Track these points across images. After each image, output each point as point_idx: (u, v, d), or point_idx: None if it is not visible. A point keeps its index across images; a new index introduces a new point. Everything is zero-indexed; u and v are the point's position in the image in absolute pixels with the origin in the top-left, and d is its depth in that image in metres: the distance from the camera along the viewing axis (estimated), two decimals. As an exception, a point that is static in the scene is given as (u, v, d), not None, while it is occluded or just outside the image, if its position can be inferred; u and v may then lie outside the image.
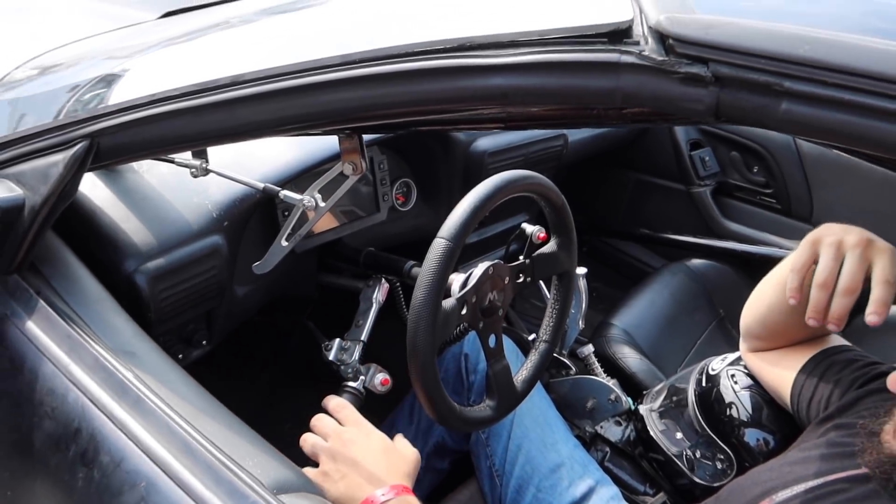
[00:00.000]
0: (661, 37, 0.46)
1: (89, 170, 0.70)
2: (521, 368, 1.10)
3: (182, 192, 0.88)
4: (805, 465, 0.83)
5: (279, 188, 0.86)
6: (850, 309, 0.74)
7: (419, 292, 0.84)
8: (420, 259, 1.17)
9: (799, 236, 2.12)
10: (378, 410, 1.12)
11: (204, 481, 0.57)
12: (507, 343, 1.28)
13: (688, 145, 2.07)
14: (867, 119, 0.42)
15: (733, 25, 0.44)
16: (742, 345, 1.13)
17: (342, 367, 1.10)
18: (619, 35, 0.49)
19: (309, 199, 0.84)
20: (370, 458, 0.85)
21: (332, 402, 0.91)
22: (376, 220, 1.24)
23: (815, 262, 0.79)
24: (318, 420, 0.88)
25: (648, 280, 1.89)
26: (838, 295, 0.74)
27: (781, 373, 1.01)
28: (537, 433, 1.28)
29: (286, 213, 1.06)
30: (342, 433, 0.87)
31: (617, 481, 1.31)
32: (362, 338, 1.12)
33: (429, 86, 0.54)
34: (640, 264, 2.18)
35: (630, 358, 1.61)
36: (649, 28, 0.47)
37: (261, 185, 0.86)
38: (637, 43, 0.48)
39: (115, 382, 0.64)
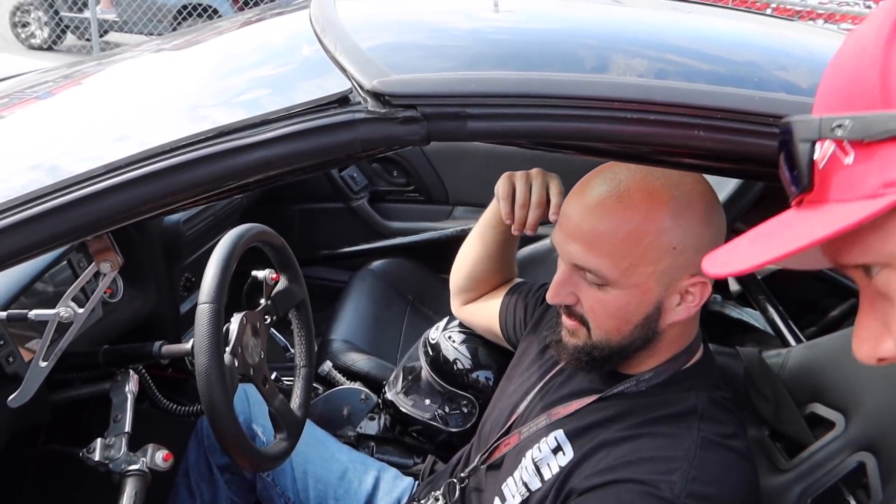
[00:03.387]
0: (378, 96, 0.65)
1: None
2: (293, 396, 1.21)
3: None
4: (528, 380, 1.10)
5: (27, 311, 0.82)
6: (540, 219, 1.05)
7: (202, 358, 0.90)
8: (157, 338, 1.18)
9: (443, 217, 2.54)
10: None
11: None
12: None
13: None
14: (517, 122, 0.66)
15: (425, 79, 0.65)
16: (454, 302, 1.39)
17: (112, 464, 1.03)
18: (345, 100, 0.66)
19: (66, 310, 0.83)
20: None
21: None
22: (94, 319, 1.20)
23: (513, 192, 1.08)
24: None
25: (344, 293, 2.10)
26: (532, 209, 1.05)
27: (489, 314, 1.30)
28: (315, 454, 1.39)
29: (0, 343, 0.98)
30: None
31: (390, 464, 1.49)
32: (126, 430, 1.06)
33: (201, 171, 0.64)
34: (330, 282, 2.37)
35: (360, 361, 1.80)
36: (367, 91, 0.65)
37: (3, 314, 0.81)
38: (359, 103, 0.66)
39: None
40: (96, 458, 1.01)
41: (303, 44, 0.75)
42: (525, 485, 0.94)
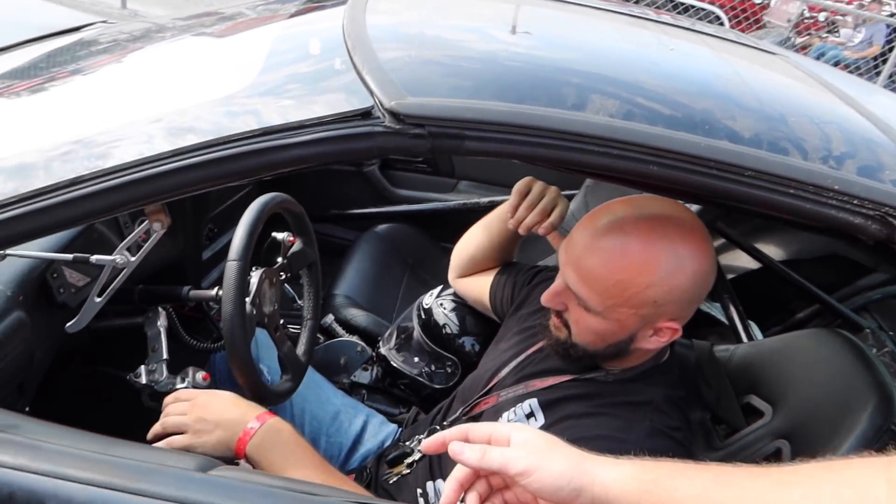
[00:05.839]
0: (395, 114, 0.80)
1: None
2: (299, 343, 1.38)
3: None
4: (512, 349, 1.25)
5: (88, 255, 0.98)
6: (534, 226, 1.19)
7: (228, 306, 1.06)
8: (181, 282, 1.35)
9: (448, 189, 2.66)
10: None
11: (153, 483, 0.75)
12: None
13: (351, 134, 2.46)
14: (503, 145, 0.81)
15: (433, 104, 0.79)
16: (451, 274, 1.56)
17: (157, 385, 1.19)
18: (367, 114, 0.81)
19: (121, 257, 0.99)
20: (229, 406, 1.05)
21: (168, 397, 1.08)
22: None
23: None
24: (171, 401, 1.07)
25: (350, 251, 2.26)
26: (533, 215, 1.19)
27: (481, 288, 1.46)
28: (312, 394, 1.57)
29: (55, 276, 1.14)
30: (195, 400, 1.06)
31: (378, 411, 1.67)
32: (165, 357, 1.23)
33: (248, 162, 0.79)
34: (338, 240, 2.53)
35: (359, 316, 1.96)
36: (386, 109, 0.80)
37: (70, 256, 0.97)
38: (378, 118, 0.81)
39: (23, 447, 0.76)
40: (143, 381, 1.17)
41: (336, 58, 0.89)
42: None
